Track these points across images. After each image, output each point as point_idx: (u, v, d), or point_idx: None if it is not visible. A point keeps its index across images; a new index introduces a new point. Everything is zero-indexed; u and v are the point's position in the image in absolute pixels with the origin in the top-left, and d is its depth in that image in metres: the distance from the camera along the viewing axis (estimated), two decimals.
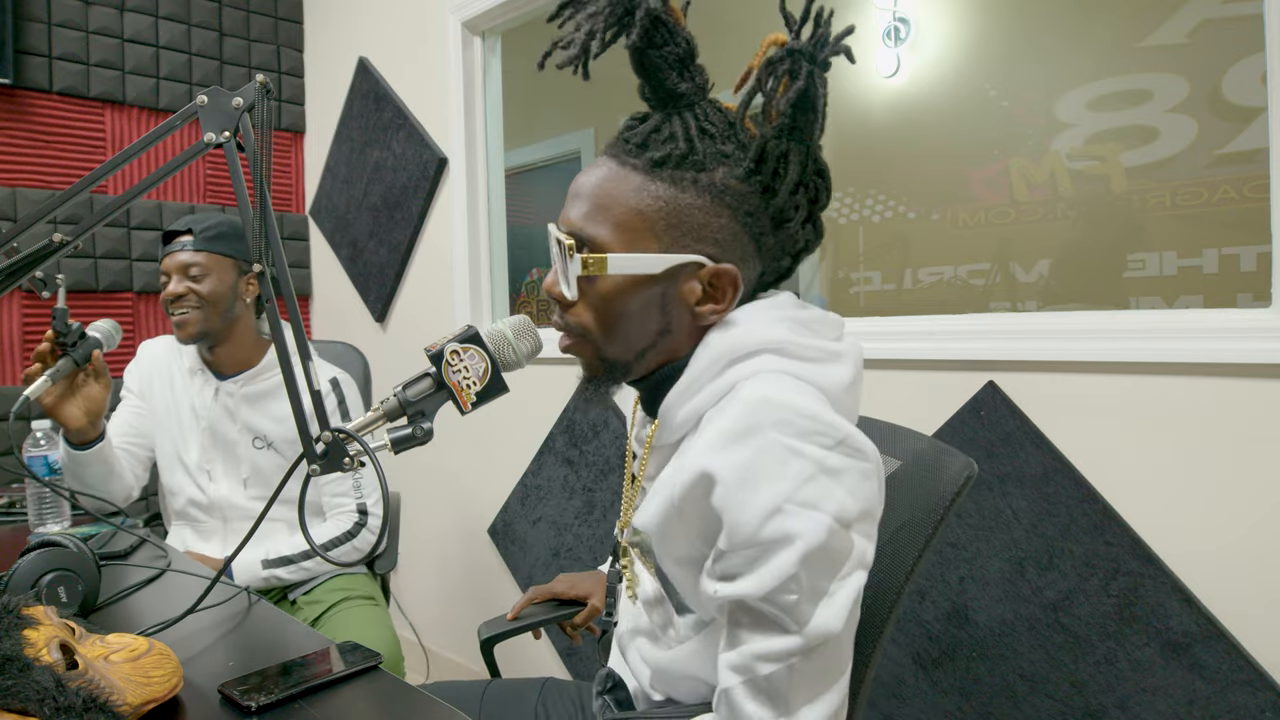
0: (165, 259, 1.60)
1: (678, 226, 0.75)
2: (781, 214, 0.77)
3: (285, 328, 0.87)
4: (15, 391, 2.35)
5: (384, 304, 2.76)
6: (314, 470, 0.81)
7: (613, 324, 0.78)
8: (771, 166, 0.76)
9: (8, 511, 1.61)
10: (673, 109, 0.77)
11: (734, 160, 0.76)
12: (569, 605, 1.24)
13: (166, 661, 0.76)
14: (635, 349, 0.79)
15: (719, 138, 0.76)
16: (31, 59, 2.39)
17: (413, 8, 2.56)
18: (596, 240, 0.76)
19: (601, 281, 0.76)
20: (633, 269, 0.75)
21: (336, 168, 2.90)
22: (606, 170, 0.77)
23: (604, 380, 0.82)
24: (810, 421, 0.67)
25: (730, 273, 0.76)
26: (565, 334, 0.82)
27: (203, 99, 0.82)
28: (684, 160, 0.75)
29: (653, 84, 0.76)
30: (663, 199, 0.75)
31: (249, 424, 1.65)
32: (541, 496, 2.24)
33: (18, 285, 0.96)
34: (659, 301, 0.77)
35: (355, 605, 1.57)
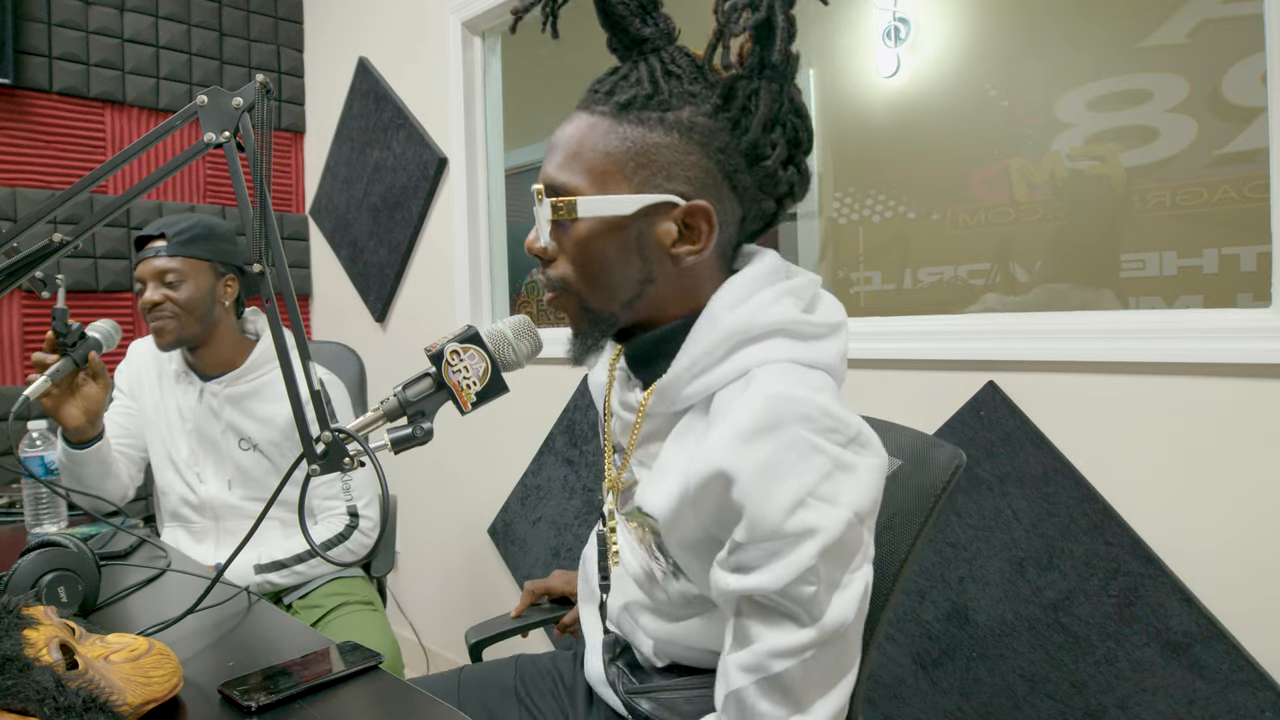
0: (139, 265, 1.57)
1: (647, 166, 0.75)
2: (755, 149, 0.76)
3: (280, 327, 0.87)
4: (15, 391, 2.35)
5: (384, 304, 2.76)
6: (314, 470, 0.81)
7: (593, 272, 0.78)
8: (740, 103, 0.75)
9: (6, 512, 1.61)
10: (638, 55, 0.77)
11: (701, 98, 0.75)
12: (561, 602, 1.25)
13: (166, 661, 0.76)
14: (620, 298, 0.79)
15: (686, 78, 0.76)
16: (31, 59, 2.39)
17: (413, 8, 2.56)
18: (568, 187, 0.76)
19: (576, 228, 0.77)
20: (603, 210, 0.75)
21: (336, 168, 2.90)
22: (577, 121, 0.78)
23: (590, 334, 0.81)
24: (829, 419, 0.67)
25: (704, 208, 0.75)
26: (549, 288, 0.82)
27: (203, 99, 0.82)
28: (650, 100, 0.75)
29: (617, 32, 0.77)
30: (630, 139, 0.75)
31: (233, 425, 1.64)
32: (541, 496, 2.24)
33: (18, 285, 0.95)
34: (635, 244, 0.77)
35: (353, 610, 1.57)
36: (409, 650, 2.62)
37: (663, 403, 0.79)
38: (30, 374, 1.32)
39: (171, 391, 1.67)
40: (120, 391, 1.74)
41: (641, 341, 0.82)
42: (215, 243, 1.62)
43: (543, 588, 1.25)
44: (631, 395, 0.84)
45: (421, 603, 2.73)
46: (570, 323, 0.83)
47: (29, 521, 1.40)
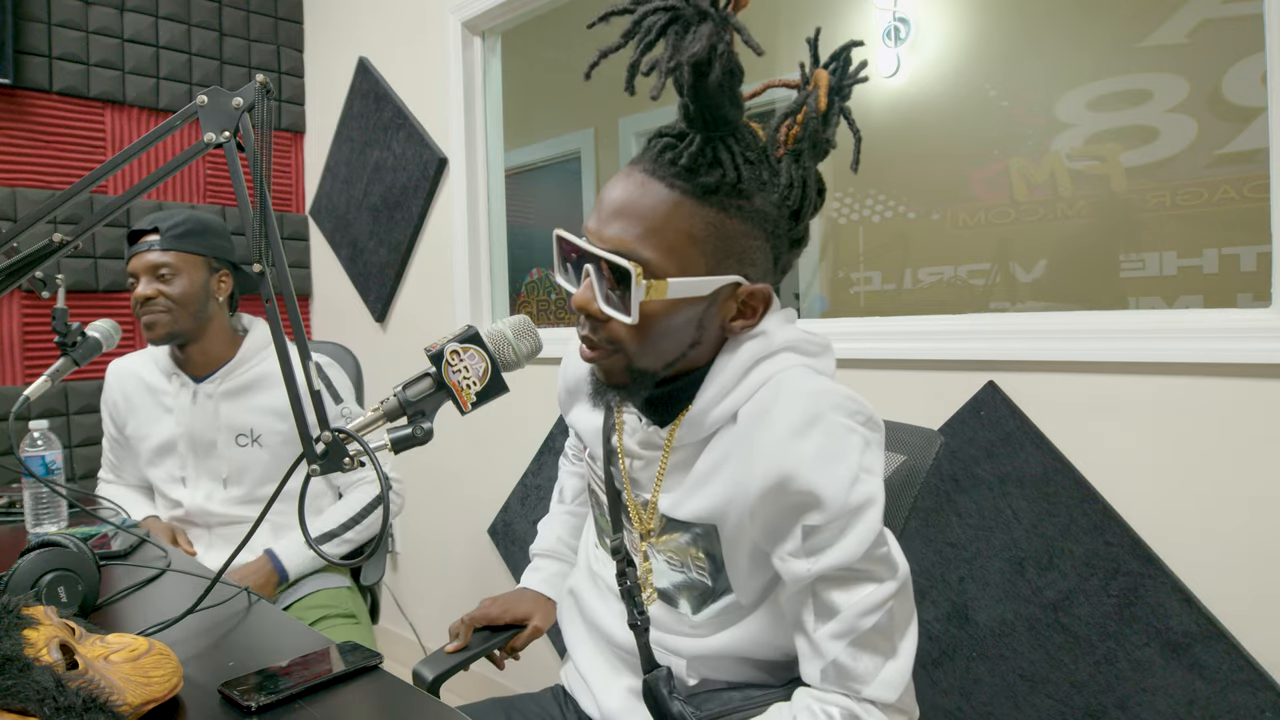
0: (132, 259, 1.55)
1: (723, 249, 0.79)
2: (803, 236, 0.85)
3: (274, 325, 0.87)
4: (15, 391, 2.35)
5: (384, 304, 2.76)
6: (314, 470, 0.81)
7: (650, 339, 0.80)
8: (798, 191, 0.81)
9: (6, 512, 1.61)
10: (715, 133, 0.77)
11: (769, 186, 0.80)
12: (502, 630, 1.17)
13: (166, 661, 0.76)
14: (666, 360, 0.83)
15: (757, 164, 0.80)
16: (31, 59, 2.38)
17: (413, 8, 2.56)
18: (650, 263, 0.77)
19: (649, 306, 0.78)
20: (686, 293, 0.78)
21: (336, 168, 2.90)
22: (655, 191, 0.78)
23: (630, 388, 0.84)
24: (853, 404, 0.78)
25: (764, 292, 0.83)
26: (591, 347, 0.83)
27: (203, 99, 0.82)
28: (734, 189, 0.78)
29: (705, 108, 0.75)
30: (712, 224, 0.78)
31: (231, 422, 1.62)
32: (541, 496, 2.24)
33: (18, 285, 0.95)
34: (699, 319, 0.81)
35: (335, 624, 1.55)
36: (409, 651, 2.62)
37: (691, 433, 0.85)
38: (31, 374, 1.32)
39: (161, 400, 1.65)
40: (109, 425, 1.71)
41: (666, 390, 0.87)
42: (209, 238, 1.60)
43: (482, 618, 1.17)
44: (652, 434, 0.88)
45: (421, 603, 2.73)
46: (606, 376, 0.85)
47: (29, 521, 1.40)
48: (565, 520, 1.26)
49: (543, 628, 1.18)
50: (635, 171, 0.80)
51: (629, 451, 0.92)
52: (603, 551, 1.02)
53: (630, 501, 0.93)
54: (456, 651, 1.12)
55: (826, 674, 0.78)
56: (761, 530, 0.80)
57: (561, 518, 1.26)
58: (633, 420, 0.91)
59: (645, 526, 0.91)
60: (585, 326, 0.83)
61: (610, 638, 0.99)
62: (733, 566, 0.85)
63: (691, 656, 0.90)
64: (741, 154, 0.78)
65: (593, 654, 1.02)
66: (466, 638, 1.15)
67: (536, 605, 1.19)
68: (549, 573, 1.23)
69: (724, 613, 0.88)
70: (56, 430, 2.37)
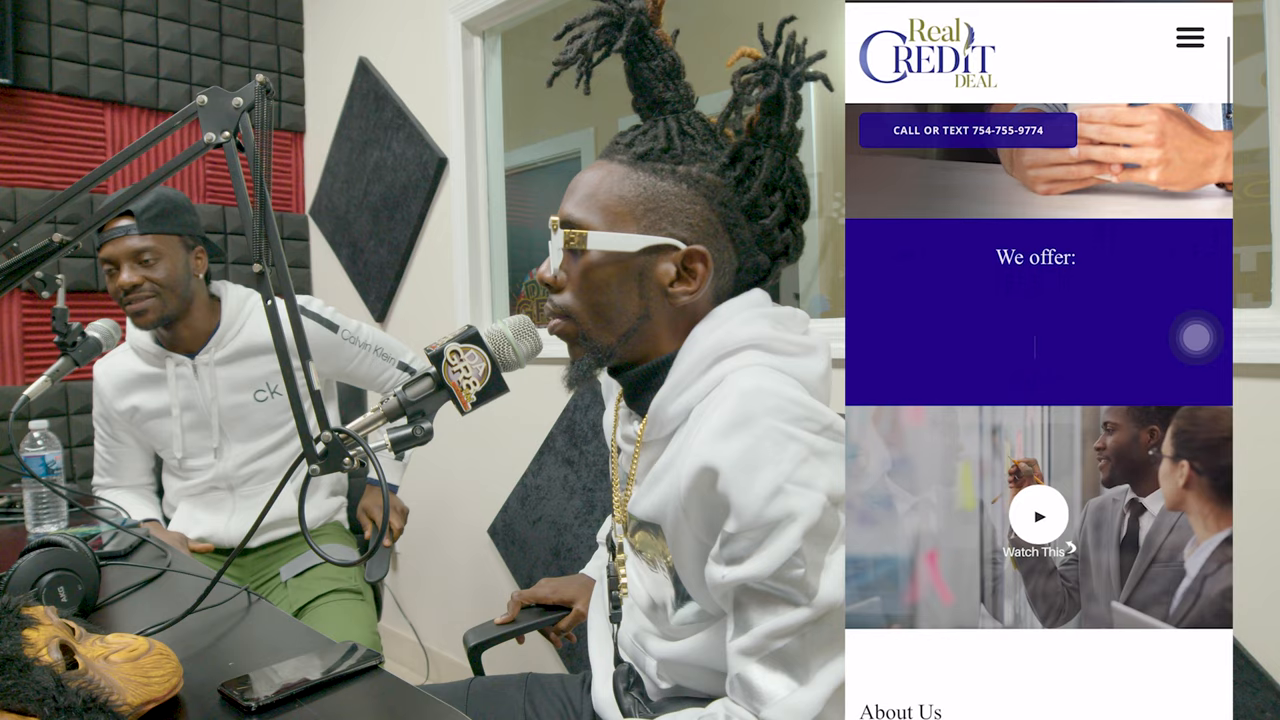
0: (106, 246, 1.51)
1: (655, 211, 0.82)
2: (754, 207, 0.84)
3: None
4: (15, 391, 2.35)
5: (384, 304, 2.76)
6: (314, 470, 0.81)
7: (595, 301, 0.84)
8: (745, 165, 0.83)
9: (6, 512, 1.61)
10: (659, 114, 0.87)
11: (711, 157, 0.84)
12: (553, 610, 1.24)
13: (166, 661, 0.76)
14: (617, 331, 0.85)
15: (698, 139, 0.84)
16: (31, 59, 2.38)
17: (413, 8, 2.56)
18: (584, 224, 0.83)
19: (584, 259, 0.84)
20: (611, 245, 0.82)
21: (336, 168, 2.90)
22: (599, 166, 0.86)
23: (584, 362, 0.87)
24: (800, 408, 0.73)
25: (701, 252, 0.82)
26: (553, 315, 0.89)
27: (203, 99, 0.82)
28: (664, 153, 0.83)
29: (642, 93, 0.87)
30: (642, 185, 0.83)
31: (244, 380, 1.64)
32: (541, 496, 2.24)
33: (18, 285, 0.95)
34: (636, 280, 0.83)
35: (340, 599, 1.56)
36: (409, 651, 2.62)
37: (655, 428, 0.85)
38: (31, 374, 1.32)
39: (162, 383, 1.65)
40: (104, 425, 1.71)
41: (635, 374, 0.88)
42: (181, 215, 1.59)
43: (530, 598, 1.24)
44: (631, 428, 0.90)
45: (421, 603, 2.73)
46: (570, 350, 0.89)
47: (29, 521, 1.40)
48: None
49: (585, 612, 1.20)
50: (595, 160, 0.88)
51: (619, 444, 0.94)
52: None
53: (616, 494, 0.95)
54: (504, 624, 1.21)
55: (733, 686, 0.75)
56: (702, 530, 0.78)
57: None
58: (623, 413, 0.93)
59: (623, 520, 0.92)
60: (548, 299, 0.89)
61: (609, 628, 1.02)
62: (682, 570, 0.83)
63: (661, 659, 0.90)
64: (679, 128, 0.85)
65: (596, 641, 1.04)
66: (515, 612, 1.22)
67: (584, 590, 1.24)
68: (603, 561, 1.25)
69: (696, 618, 0.86)
70: (56, 430, 2.37)
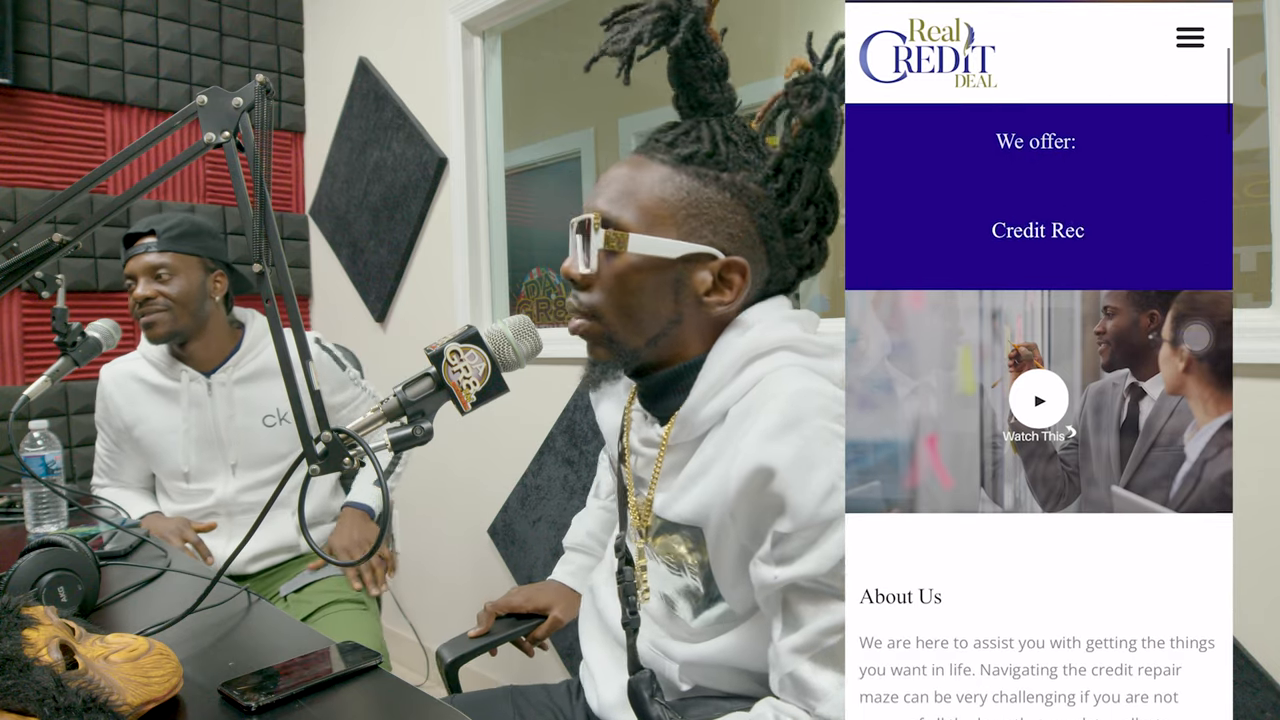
0: (130, 262, 1.58)
1: (697, 217, 0.81)
2: (793, 222, 0.83)
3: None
4: (15, 391, 2.35)
5: (384, 304, 2.76)
6: (314, 470, 0.81)
7: (627, 304, 0.82)
8: (788, 178, 0.82)
9: (6, 512, 1.61)
10: (702, 116, 0.84)
11: (754, 166, 0.82)
12: (526, 618, 1.20)
13: (166, 661, 0.76)
14: (646, 334, 0.83)
15: (741, 145, 0.83)
16: (31, 59, 2.38)
17: (413, 8, 2.56)
18: (621, 222, 0.81)
19: (620, 259, 0.81)
20: (651, 249, 0.80)
21: (336, 168, 2.90)
22: (636, 163, 0.83)
23: (609, 365, 0.86)
24: (843, 407, 0.74)
25: (740, 264, 0.82)
26: (577, 314, 0.86)
27: (202, 99, 0.81)
28: (709, 158, 0.81)
29: (687, 92, 0.84)
30: (685, 189, 0.81)
31: (254, 405, 1.65)
32: (541, 496, 2.24)
33: (18, 285, 0.95)
34: (672, 287, 0.82)
35: (342, 609, 1.56)
36: (409, 651, 2.62)
37: (685, 430, 0.84)
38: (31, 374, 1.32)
39: (171, 397, 1.65)
40: (108, 430, 1.71)
41: (658, 378, 0.87)
42: (204, 239, 1.63)
43: (504, 607, 1.21)
44: (651, 431, 0.89)
45: (421, 603, 2.73)
46: (591, 351, 0.87)
47: (29, 521, 1.40)
48: (598, 515, 1.27)
49: (563, 619, 1.19)
50: (629, 155, 0.85)
51: (634, 448, 0.93)
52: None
53: (632, 500, 0.94)
54: (478, 636, 1.16)
55: (784, 685, 0.76)
56: (743, 532, 0.79)
57: (595, 512, 1.28)
58: (638, 417, 0.92)
59: (643, 524, 0.92)
60: (571, 294, 0.86)
61: (615, 634, 1.00)
62: (719, 571, 0.84)
63: (684, 661, 0.90)
64: (723, 133, 0.83)
65: (599, 648, 1.03)
66: (489, 623, 1.18)
67: (559, 597, 1.21)
68: (575, 565, 1.24)
69: (720, 620, 0.87)
70: (56, 430, 2.37)
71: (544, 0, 2.20)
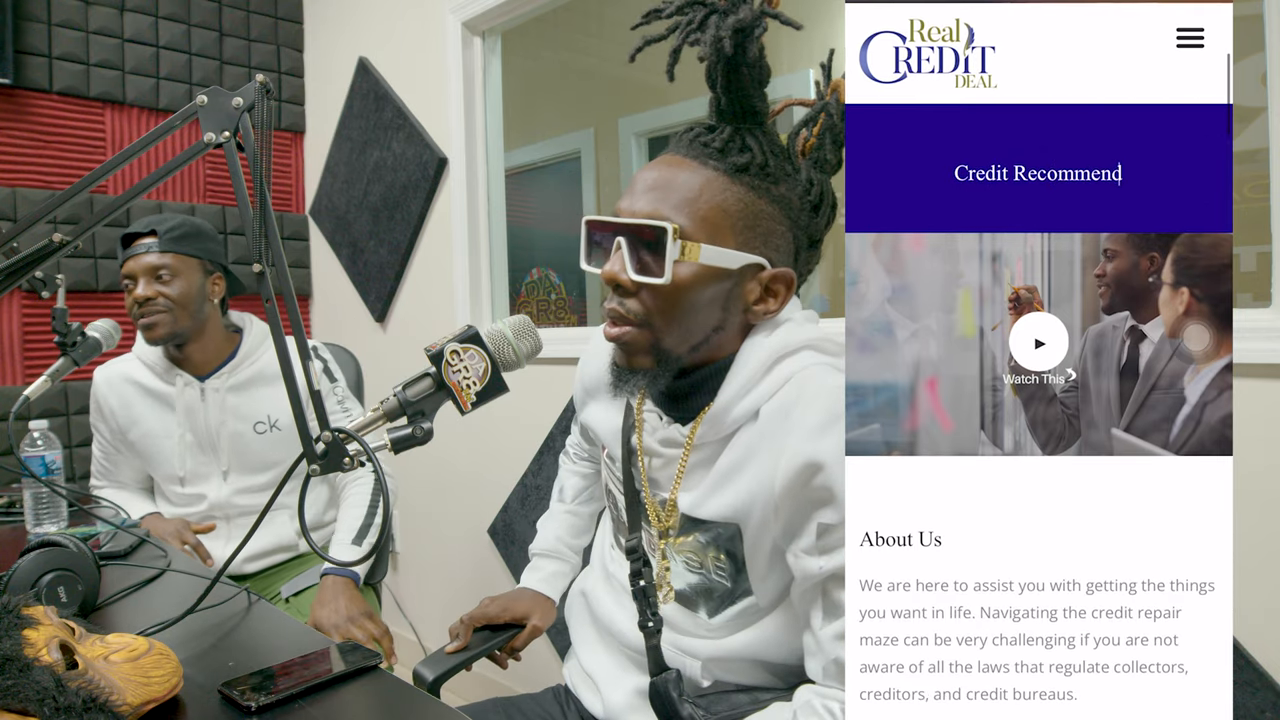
0: (129, 261, 1.57)
1: (752, 228, 0.81)
2: (819, 233, 0.87)
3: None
4: (15, 391, 2.35)
5: (384, 304, 2.76)
6: (313, 470, 0.81)
7: (678, 313, 0.81)
8: (818, 192, 0.85)
9: (6, 512, 1.61)
10: (743, 125, 0.83)
11: (794, 180, 0.84)
12: (502, 629, 1.17)
13: (166, 661, 0.76)
14: (691, 341, 0.84)
15: (780, 157, 0.84)
16: (31, 59, 2.38)
17: (413, 8, 2.56)
18: (683, 229, 0.79)
19: (680, 269, 0.79)
20: (718, 261, 0.80)
21: (336, 168, 2.90)
22: (690, 168, 0.81)
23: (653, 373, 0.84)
24: None
25: (787, 276, 0.84)
26: (619, 321, 0.83)
27: (202, 99, 0.81)
28: (763, 170, 0.81)
29: (735, 96, 0.81)
30: (744, 201, 0.81)
31: (245, 412, 1.64)
32: (541, 496, 2.24)
33: (18, 285, 0.95)
34: (724, 297, 0.82)
35: None
36: (409, 651, 2.62)
37: (713, 429, 0.85)
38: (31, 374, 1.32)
39: (165, 400, 1.65)
40: (103, 429, 1.71)
41: (685, 382, 0.87)
42: (204, 241, 1.63)
43: (481, 618, 1.17)
44: (672, 431, 0.88)
45: (421, 604, 2.73)
46: (630, 358, 0.84)
47: (29, 521, 1.40)
48: (565, 520, 1.26)
49: (541, 627, 1.18)
50: (668, 156, 0.84)
51: (649, 450, 0.92)
52: (619, 552, 1.02)
53: (649, 501, 0.94)
54: (456, 652, 1.12)
55: (829, 671, 0.78)
56: (782, 527, 0.81)
57: (561, 517, 1.26)
58: (653, 419, 0.91)
59: (664, 525, 0.91)
60: (614, 300, 0.83)
61: (621, 638, 0.99)
62: (753, 567, 0.85)
63: (707, 658, 0.91)
64: (768, 144, 0.83)
65: (600, 653, 1.03)
66: (467, 638, 1.15)
67: (535, 604, 1.20)
68: (547, 572, 1.23)
69: (741, 615, 0.88)
70: (56, 430, 2.37)
71: (544, 0, 2.20)
